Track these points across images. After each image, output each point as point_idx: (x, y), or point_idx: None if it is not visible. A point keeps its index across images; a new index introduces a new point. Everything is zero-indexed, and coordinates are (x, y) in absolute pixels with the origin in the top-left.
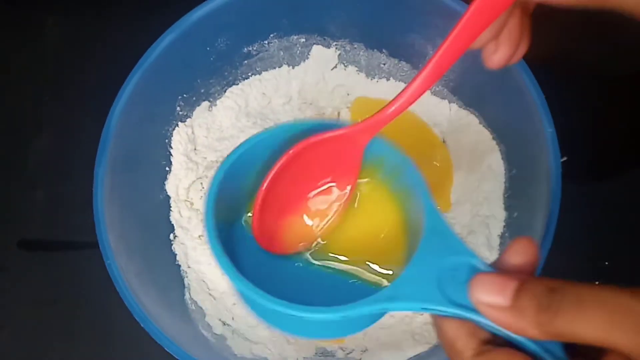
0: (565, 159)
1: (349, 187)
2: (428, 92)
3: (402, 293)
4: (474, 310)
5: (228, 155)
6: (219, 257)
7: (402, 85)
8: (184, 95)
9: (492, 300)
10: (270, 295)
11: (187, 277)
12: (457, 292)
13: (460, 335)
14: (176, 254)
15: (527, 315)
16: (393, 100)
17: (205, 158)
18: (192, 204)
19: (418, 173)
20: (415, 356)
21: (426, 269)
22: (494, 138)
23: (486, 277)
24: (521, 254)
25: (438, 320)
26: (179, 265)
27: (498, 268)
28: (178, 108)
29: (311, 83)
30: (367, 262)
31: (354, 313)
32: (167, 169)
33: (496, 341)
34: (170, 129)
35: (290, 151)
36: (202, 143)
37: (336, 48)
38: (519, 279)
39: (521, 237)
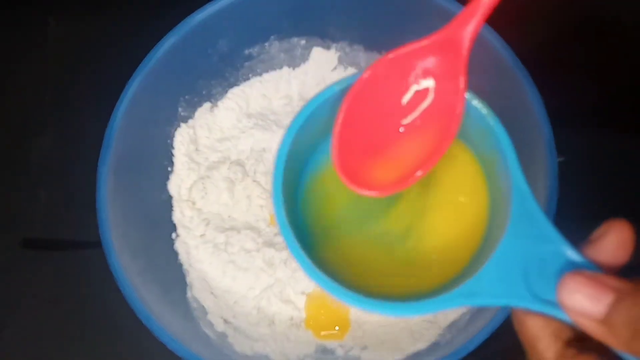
0: (562, 159)
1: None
2: None
3: (485, 288)
4: (561, 307)
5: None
6: (292, 246)
7: None
8: (186, 97)
9: (582, 308)
10: (346, 290)
11: (189, 275)
12: (545, 287)
13: (543, 336)
14: (178, 253)
15: (620, 335)
16: None
17: (207, 158)
18: (194, 203)
19: (507, 139)
20: (414, 354)
21: (512, 259)
22: None
23: (578, 278)
24: (616, 244)
25: (520, 314)
26: (181, 264)
27: (589, 256)
28: (180, 109)
29: (311, 84)
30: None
31: (431, 310)
32: (169, 169)
33: (582, 338)
34: (172, 130)
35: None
36: (204, 143)
37: (336, 50)
38: (615, 291)
39: (616, 221)
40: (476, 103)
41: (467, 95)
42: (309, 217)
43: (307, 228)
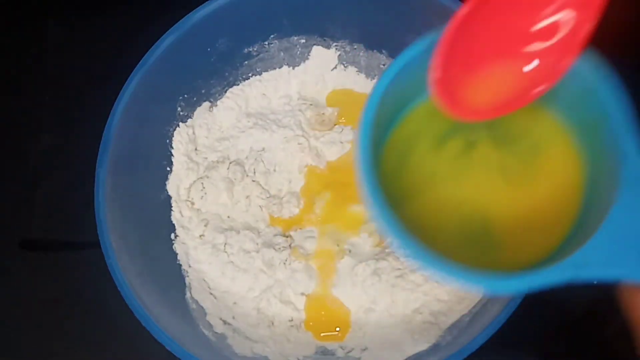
0: None
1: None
2: None
3: (597, 259)
4: None
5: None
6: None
7: None
8: (185, 96)
9: None
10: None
11: (188, 276)
12: None
13: None
14: (177, 254)
15: None
16: None
17: (206, 158)
18: (192, 203)
19: (619, 99)
20: (414, 355)
21: (624, 228)
22: None
23: None
24: None
25: (629, 292)
26: (180, 265)
27: None
28: (179, 108)
29: (311, 83)
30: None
31: (537, 284)
32: (168, 169)
33: None
34: (171, 130)
35: None
36: (203, 143)
37: (336, 49)
38: None
39: None
40: (581, 63)
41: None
42: (385, 177)
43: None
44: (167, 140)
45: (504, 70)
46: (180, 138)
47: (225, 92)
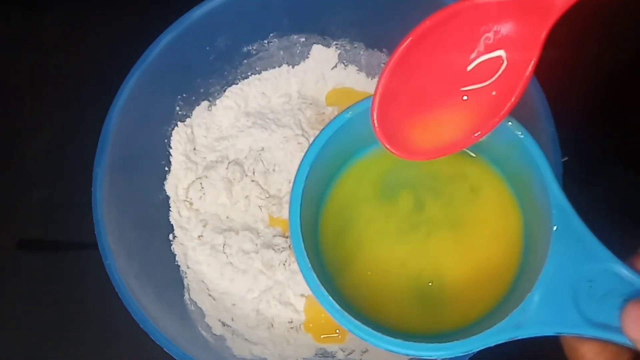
0: (566, 158)
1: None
2: None
3: (534, 317)
4: (618, 331)
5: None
6: (314, 287)
7: None
8: (183, 95)
9: None
10: (380, 334)
11: (186, 277)
12: (597, 309)
13: None
14: (175, 255)
15: None
16: None
17: (205, 158)
18: (191, 204)
19: (541, 155)
20: (415, 357)
21: (559, 282)
22: None
23: None
24: None
25: (572, 341)
26: (179, 266)
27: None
28: (177, 108)
29: (311, 82)
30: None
31: (476, 347)
32: (166, 169)
33: None
34: (169, 129)
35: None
36: (202, 143)
37: (336, 47)
38: None
39: None
40: (505, 120)
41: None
42: (325, 244)
43: (323, 256)
44: (166, 140)
45: (445, 112)
46: (179, 138)
47: (224, 91)
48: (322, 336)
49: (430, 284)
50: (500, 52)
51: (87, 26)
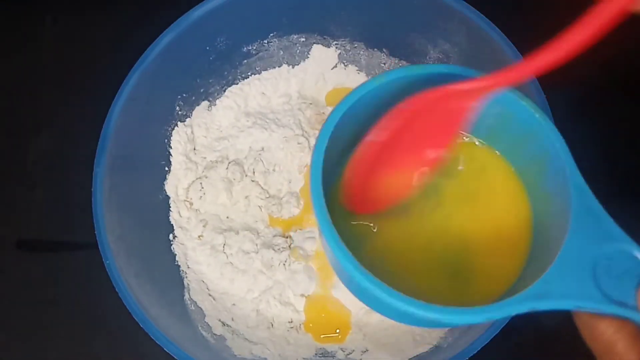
0: None
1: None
2: None
3: (554, 290)
4: (635, 309)
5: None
6: (339, 248)
7: None
8: (183, 95)
9: None
10: (405, 296)
11: (186, 277)
12: (616, 287)
13: (620, 338)
14: (175, 255)
15: None
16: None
17: (205, 158)
18: (191, 204)
19: (560, 138)
20: (415, 357)
21: (579, 259)
22: None
23: None
24: None
25: (590, 319)
26: (179, 266)
27: None
28: (177, 108)
29: (311, 82)
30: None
31: (497, 315)
32: (166, 169)
33: None
34: (169, 129)
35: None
36: (202, 143)
37: (336, 47)
38: None
39: None
40: (525, 104)
41: (513, 94)
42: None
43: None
44: (166, 140)
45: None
46: (179, 138)
47: (224, 91)
48: (322, 336)
49: (455, 258)
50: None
51: (87, 26)
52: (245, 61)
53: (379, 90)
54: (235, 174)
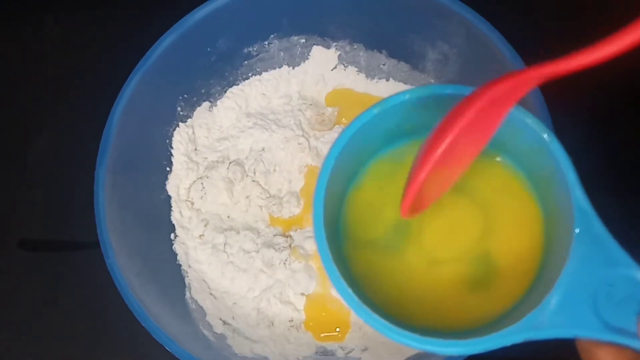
0: None
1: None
2: None
3: (551, 318)
4: (635, 336)
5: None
6: (338, 283)
7: (402, 85)
8: (185, 96)
9: None
10: (401, 329)
11: (187, 276)
12: (616, 313)
13: None
14: (177, 254)
15: None
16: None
17: (206, 158)
18: (192, 204)
19: (566, 157)
20: (415, 355)
21: (578, 285)
22: None
23: None
24: None
25: (588, 345)
26: (180, 265)
27: None
28: (179, 108)
29: (311, 83)
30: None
31: (492, 346)
32: (167, 169)
33: None
34: (170, 129)
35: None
36: (203, 143)
37: (336, 48)
38: None
39: None
40: (530, 121)
41: (519, 112)
42: (345, 230)
43: (341, 240)
44: (167, 140)
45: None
46: (180, 138)
47: (225, 92)
48: (322, 335)
49: (447, 279)
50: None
51: (89, 27)
52: (246, 62)
53: (378, 119)
54: (236, 174)
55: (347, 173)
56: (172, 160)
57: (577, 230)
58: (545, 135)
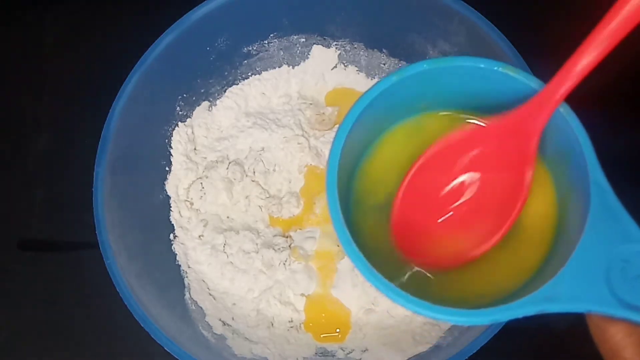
0: None
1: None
2: None
3: (564, 292)
4: None
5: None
6: (349, 248)
7: None
8: (184, 95)
9: None
10: (417, 299)
11: (187, 277)
12: (629, 290)
13: (628, 344)
14: (176, 254)
15: None
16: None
17: (205, 158)
18: (192, 204)
19: (585, 134)
20: (415, 356)
21: (593, 260)
22: None
23: None
24: None
25: (599, 321)
26: (179, 265)
27: None
28: (178, 108)
29: (311, 83)
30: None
31: (505, 317)
32: (167, 169)
33: None
34: (170, 129)
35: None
36: (202, 143)
37: (336, 48)
38: None
39: None
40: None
41: (535, 84)
42: (355, 199)
43: (351, 210)
44: (166, 140)
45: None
46: (179, 138)
47: (225, 91)
48: (322, 335)
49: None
50: (477, 174)
51: (88, 26)
52: (246, 61)
53: (393, 89)
54: (235, 174)
55: (360, 143)
56: (171, 160)
57: (592, 204)
58: (562, 109)
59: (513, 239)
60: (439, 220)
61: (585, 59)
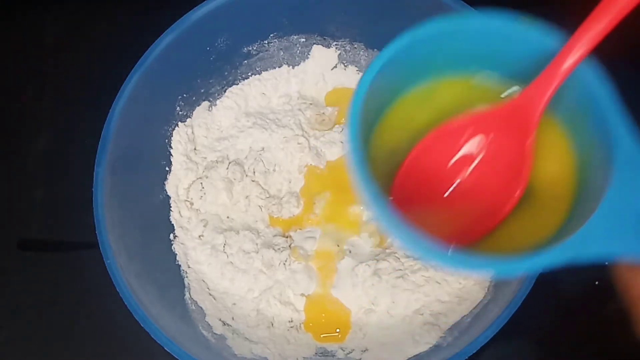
0: None
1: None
2: None
3: (594, 240)
4: None
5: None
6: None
7: None
8: (184, 95)
9: None
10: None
11: (187, 277)
12: None
13: None
14: (176, 254)
15: None
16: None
17: (205, 158)
18: (192, 204)
19: (604, 82)
20: (415, 356)
21: (621, 209)
22: None
23: None
24: None
25: (627, 272)
26: (179, 265)
27: None
28: (178, 108)
29: (311, 83)
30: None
31: (537, 265)
32: (167, 169)
33: None
34: (170, 129)
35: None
36: (202, 143)
37: (336, 48)
38: None
39: None
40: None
41: (552, 41)
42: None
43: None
44: (166, 140)
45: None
46: (179, 138)
47: (225, 91)
48: (322, 335)
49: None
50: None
51: (88, 26)
52: (246, 61)
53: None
54: (235, 174)
55: (377, 103)
56: (171, 160)
57: (617, 156)
58: (587, 68)
59: (531, 205)
60: (445, 195)
61: (594, 29)
